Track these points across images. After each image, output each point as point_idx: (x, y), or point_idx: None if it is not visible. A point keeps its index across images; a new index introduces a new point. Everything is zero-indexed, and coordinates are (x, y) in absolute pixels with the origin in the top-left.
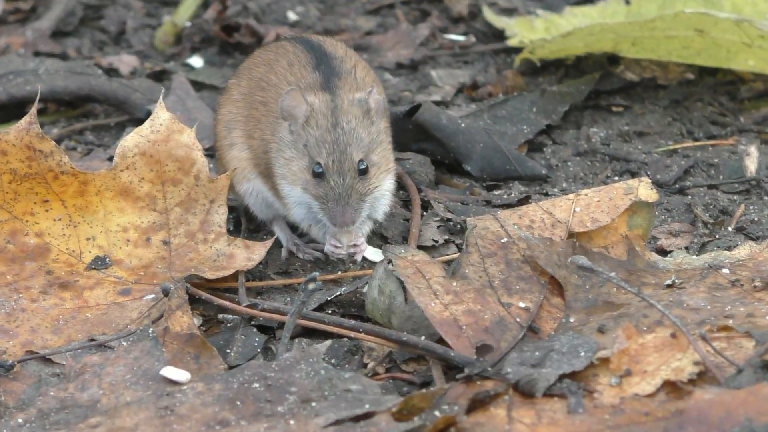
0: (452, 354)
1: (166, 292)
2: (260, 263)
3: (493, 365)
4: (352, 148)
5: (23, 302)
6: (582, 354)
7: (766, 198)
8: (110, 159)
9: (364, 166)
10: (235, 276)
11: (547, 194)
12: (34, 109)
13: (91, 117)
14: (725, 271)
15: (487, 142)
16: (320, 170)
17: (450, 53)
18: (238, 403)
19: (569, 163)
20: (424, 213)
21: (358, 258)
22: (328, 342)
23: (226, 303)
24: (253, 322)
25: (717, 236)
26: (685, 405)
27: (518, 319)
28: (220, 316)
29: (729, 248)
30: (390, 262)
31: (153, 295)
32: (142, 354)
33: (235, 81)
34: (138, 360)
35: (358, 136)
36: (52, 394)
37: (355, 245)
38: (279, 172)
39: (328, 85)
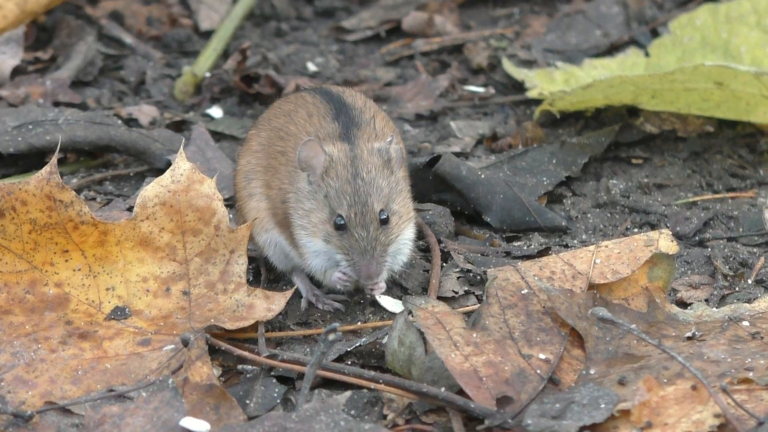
0: (472, 405)
1: (185, 343)
2: (280, 314)
3: (514, 417)
4: (373, 199)
5: (42, 352)
6: (603, 406)
7: None
8: (130, 209)
9: (385, 216)
10: (254, 326)
11: (567, 246)
12: (54, 159)
13: (111, 167)
14: (745, 323)
15: (506, 194)
16: (342, 222)
17: (469, 104)
18: None
19: (589, 215)
20: (444, 264)
21: (376, 294)
22: (348, 393)
23: (246, 353)
24: (272, 373)
25: (737, 289)
26: None
27: (539, 371)
28: (240, 366)
29: (749, 301)
30: (410, 313)
31: (172, 346)
32: (162, 404)
33: (254, 132)
34: (157, 410)
35: (379, 186)
36: None
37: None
38: (298, 222)
39: (347, 135)
